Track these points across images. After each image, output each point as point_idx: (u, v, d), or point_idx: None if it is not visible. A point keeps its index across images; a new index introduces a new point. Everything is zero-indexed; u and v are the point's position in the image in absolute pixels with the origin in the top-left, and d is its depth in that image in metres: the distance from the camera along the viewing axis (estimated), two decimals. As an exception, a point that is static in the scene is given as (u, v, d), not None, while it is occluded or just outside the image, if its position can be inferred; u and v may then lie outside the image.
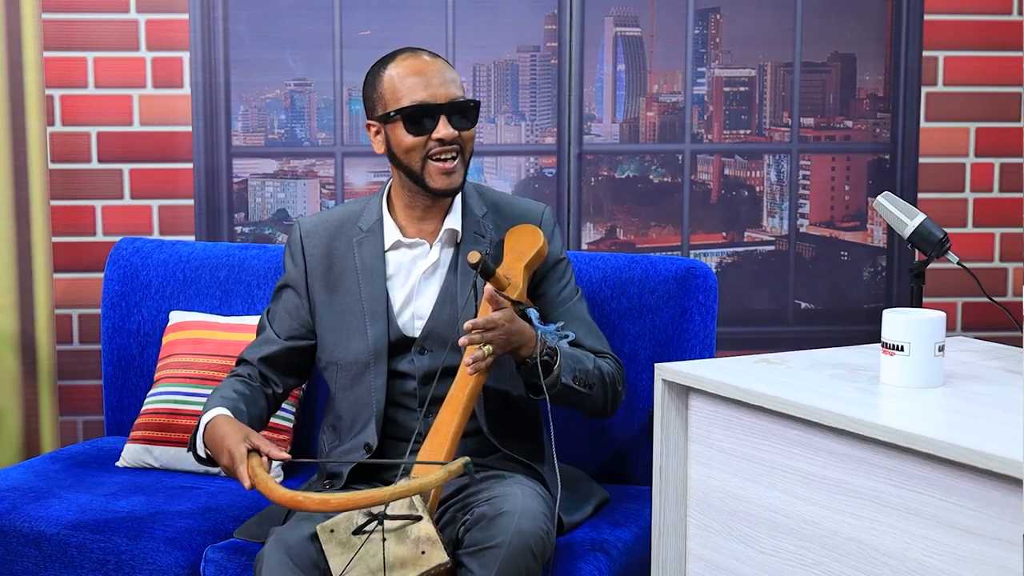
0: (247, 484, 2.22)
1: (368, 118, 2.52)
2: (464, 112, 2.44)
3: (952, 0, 3.67)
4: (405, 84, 2.42)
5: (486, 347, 2.31)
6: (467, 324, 2.30)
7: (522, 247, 2.50)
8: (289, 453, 2.47)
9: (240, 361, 2.61)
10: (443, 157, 2.43)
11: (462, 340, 2.31)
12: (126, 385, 3.19)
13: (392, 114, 2.44)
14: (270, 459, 2.27)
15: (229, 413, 2.39)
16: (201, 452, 2.42)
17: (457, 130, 2.43)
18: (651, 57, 3.66)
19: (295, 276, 2.59)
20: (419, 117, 2.42)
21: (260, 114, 3.62)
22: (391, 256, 2.55)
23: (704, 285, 2.82)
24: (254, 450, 2.27)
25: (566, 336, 2.47)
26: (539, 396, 2.40)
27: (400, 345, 2.52)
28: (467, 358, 2.32)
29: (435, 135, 2.42)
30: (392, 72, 2.45)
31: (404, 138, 2.44)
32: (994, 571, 1.84)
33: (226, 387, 2.52)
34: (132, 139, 3.61)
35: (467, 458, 2.13)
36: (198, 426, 2.42)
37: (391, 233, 2.54)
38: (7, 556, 2.65)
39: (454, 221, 2.53)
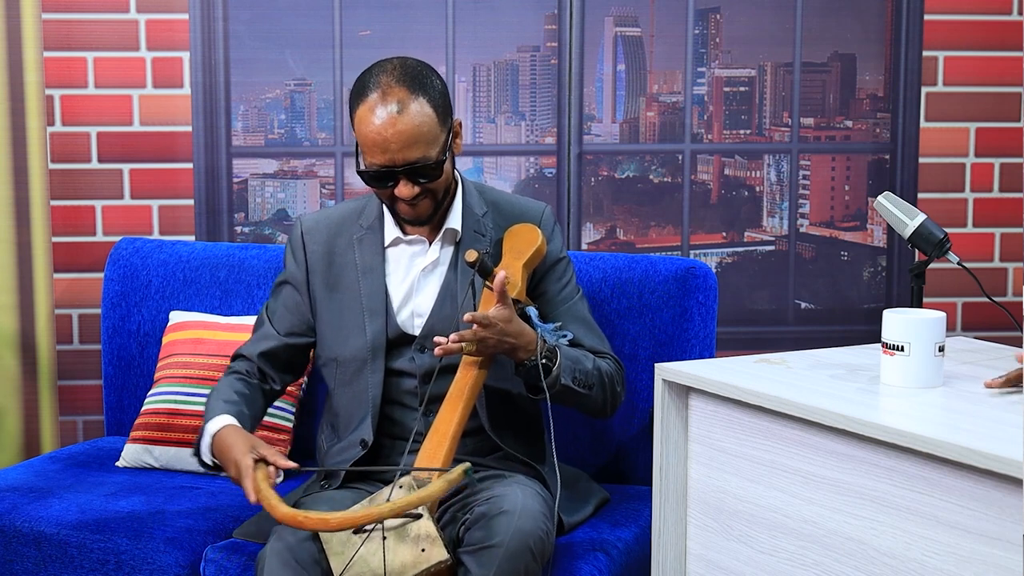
0: (252, 498, 2.25)
1: None
2: (424, 172, 2.38)
3: (952, 0, 3.67)
4: (366, 143, 2.36)
5: (468, 346, 2.31)
6: (467, 316, 2.30)
7: (521, 246, 2.50)
8: (287, 455, 2.47)
9: (237, 356, 2.61)
10: (409, 204, 2.42)
11: (453, 336, 2.31)
12: (126, 385, 3.19)
13: (357, 165, 2.42)
14: (276, 467, 2.29)
15: (235, 422, 2.41)
16: (208, 460, 2.43)
17: (419, 185, 2.39)
18: (651, 57, 3.66)
19: (296, 273, 2.60)
20: (379, 177, 2.39)
21: (260, 114, 3.62)
22: (391, 253, 2.55)
23: (704, 285, 2.83)
24: (261, 460, 2.28)
25: (565, 336, 2.47)
26: (538, 396, 2.40)
27: (399, 342, 2.52)
28: (438, 350, 2.31)
29: (396, 193, 2.40)
30: (357, 120, 2.38)
31: (369, 187, 2.44)
32: (994, 571, 1.84)
33: (226, 388, 2.52)
34: (132, 139, 3.61)
35: (467, 464, 2.14)
36: (202, 433, 2.42)
37: (391, 230, 2.54)
38: (7, 556, 2.65)
39: (454, 220, 2.53)
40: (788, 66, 3.68)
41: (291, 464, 2.30)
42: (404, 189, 2.38)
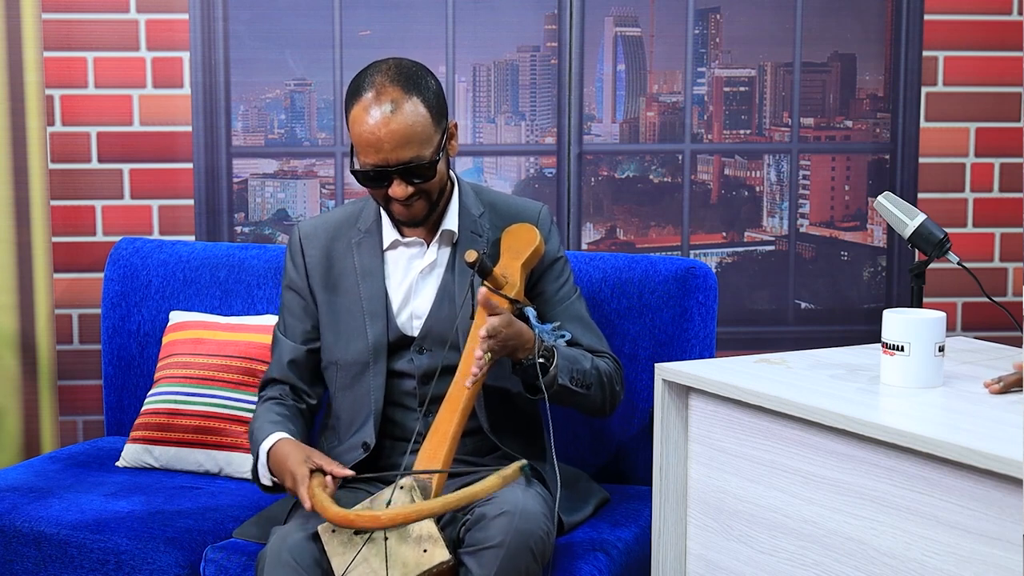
0: (307, 505, 2.24)
1: None
2: (418, 172, 2.38)
3: (952, 0, 3.67)
4: (359, 142, 2.37)
5: (486, 355, 2.32)
6: (481, 332, 2.30)
7: (519, 246, 2.51)
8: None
9: (265, 385, 2.61)
10: (403, 204, 2.43)
11: (476, 353, 2.31)
12: (126, 385, 3.19)
13: (352, 164, 2.43)
14: (333, 477, 2.29)
15: (288, 435, 2.41)
16: (266, 480, 2.44)
17: (413, 186, 2.40)
18: (651, 57, 3.66)
19: (297, 279, 2.60)
20: (373, 177, 2.40)
21: (260, 114, 3.62)
22: (389, 256, 2.55)
23: (704, 285, 2.83)
24: (317, 470, 2.29)
25: (563, 335, 2.47)
26: (536, 396, 2.40)
27: (399, 344, 2.52)
28: (467, 380, 2.33)
29: (390, 192, 2.41)
30: (352, 120, 2.39)
31: (363, 186, 2.44)
32: (994, 571, 1.84)
33: (265, 412, 2.52)
34: (132, 139, 3.61)
35: (524, 461, 2.13)
36: (257, 454, 2.43)
37: (389, 233, 2.54)
38: (7, 556, 2.65)
39: (451, 221, 2.53)
40: (788, 66, 3.68)
41: (348, 472, 2.30)
42: (398, 189, 2.39)
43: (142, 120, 3.60)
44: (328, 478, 2.29)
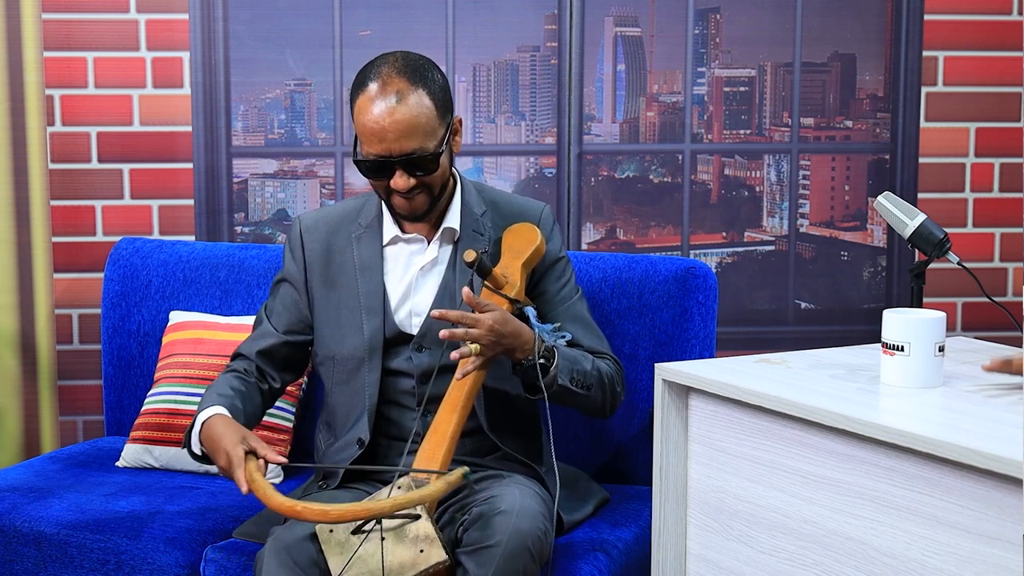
0: (244, 489, 2.22)
1: None
2: (421, 164, 2.38)
3: (952, 0, 3.67)
4: (364, 132, 2.37)
5: (472, 345, 2.31)
6: (434, 313, 2.31)
7: (520, 245, 2.50)
8: (286, 455, 2.46)
9: (236, 356, 2.61)
10: (405, 196, 2.43)
11: (443, 333, 2.31)
12: (126, 385, 3.19)
13: (355, 154, 2.43)
14: (267, 462, 2.27)
15: (226, 412, 2.39)
16: (196, 449, 2.41)
17: (415, 178, 2.40)
18: (651, 57, 3.66)
19: (294, 271, 2.60)
20: (376, 167, 2.40)
21: (260, 114, 3.62)
22: (389, 252, 2.55)
23: (704, 285, 2.82)
24: (251, 452, 2.27)
25: (564, 336, 2.47)
26: (536, 396, 2.40)
27: (396, 341, 2.51)
28: (458, 372, 2.33)
29: (392, 184, 2.41)
30: (357, 110, 2.39)
31: (366, 177, 2.44)
32: (994, 571, 1.84)
33: (222, 383, 2.51)
34: (132, 139, 3.61)
35: (465, 468, 2.13)
36: (194, 423, 2.41)
37: (390, 229, 2.54)
38: (7, 556, 2.65)
39: (452, 219, 2.53)
40: (788, 66, 3.68)
41: (282, 459, 2.26)
42: (400, 181, 2.38)
43: (142, 120, 3.60)
44: (261, 462, 2.26)
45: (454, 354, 2.32)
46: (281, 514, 2.18)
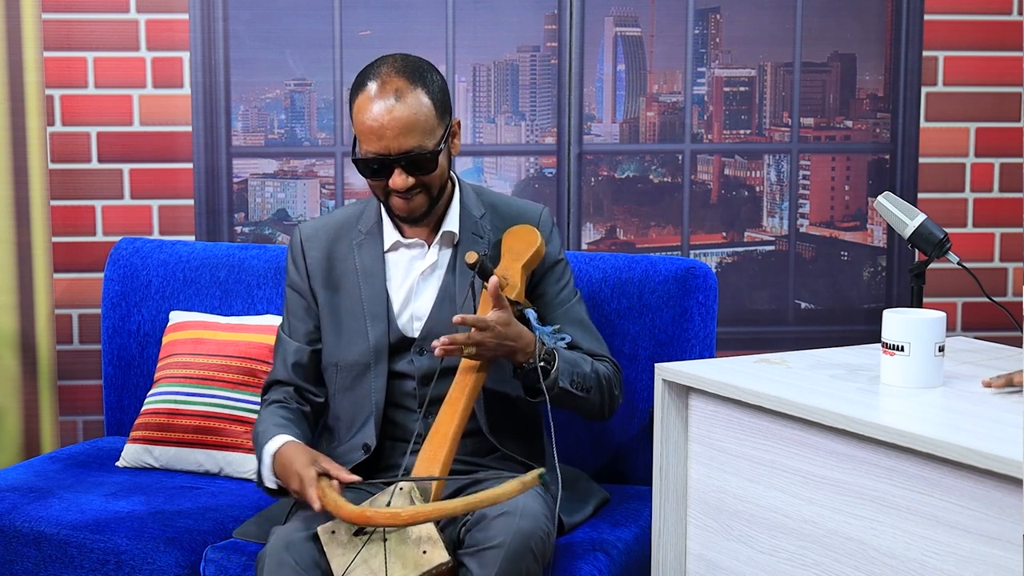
0: (317, 506, 2.23)
1: None
2: (419, 163, 2.38)
3: (952, 0, 3.67)
4: (362, 131, 2.38)
5: (468, 349, 2.31)
6: (456, 318, 2.30)
7: (520, 247, 2.50)
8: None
9: (268, 387, 2.60)
10: (403, 197, 2.43)
11: (444, 339, 2.30)
12: (126, 385, 3.19)
13: (354, 153, 2.43)
14: (340, 482, 2.28)
15: (292, 438, 2.40)
16: (271, 484, 2.42)
17: (414, 177, 2.40)
18: (651, 57, 3.66)
19: (298, 280, 2.60)
20: (374, 166, 2.40)
21: (260, 114, 3.62)
22: (390, 257, 2.55)
23: (704, 285, 2.82)
24: (323, 474, 2.28)
25: (564, 338, 2.47)
26: (537, 399, 2.40)
27: (400, 346, 2.52)
28: (442, 340, 2.31)
29: (390, 183, 2.41)
30: (356, 109, 2.39)
31: (364, 177, 2.44)
32: (994, 571, 1.84)
33: (269, 416, 2.50)
34: (132, 139, 3.61)
35: (541, 469, 2.12)
36: (261, 458, 2.41)
37: (390, 234, 2.54)
38: (7, 556, 2.65)
39: (451, 223, 2.53)
40: (788, 66, 3.68)
41: (355, 477, 2.29)
42: (398, 180, 2.39)
43: (142, 120, 3.60)
44: (335, 482, 2.28)
45: (437, 351, 2.31)
46: (353, 523, 2.18)
